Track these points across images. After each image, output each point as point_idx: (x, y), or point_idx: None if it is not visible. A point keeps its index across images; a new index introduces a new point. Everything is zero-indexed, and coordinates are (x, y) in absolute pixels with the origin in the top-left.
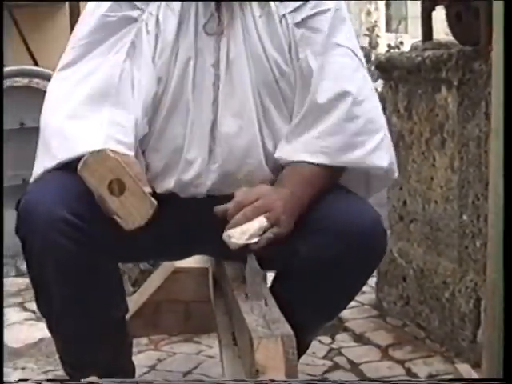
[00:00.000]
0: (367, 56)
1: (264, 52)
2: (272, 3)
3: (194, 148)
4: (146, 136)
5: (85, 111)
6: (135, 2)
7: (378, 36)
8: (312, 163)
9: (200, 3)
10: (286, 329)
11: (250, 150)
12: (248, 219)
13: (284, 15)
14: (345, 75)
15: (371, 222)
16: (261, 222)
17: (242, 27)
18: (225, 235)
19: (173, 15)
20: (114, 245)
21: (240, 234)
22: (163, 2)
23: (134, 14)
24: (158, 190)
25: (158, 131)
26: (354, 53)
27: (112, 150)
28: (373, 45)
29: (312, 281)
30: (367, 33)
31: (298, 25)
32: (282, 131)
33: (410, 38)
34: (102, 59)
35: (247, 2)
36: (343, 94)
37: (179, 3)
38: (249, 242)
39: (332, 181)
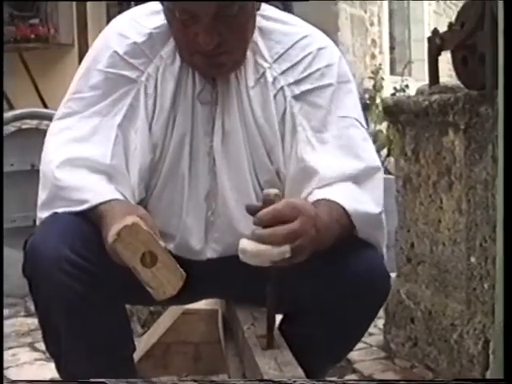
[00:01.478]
0: (372, 98)
1: (255, 123)
2: (269, 75)
3: (191, 215)
4: (143, 201)
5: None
6: (134, 63)
7: (382, 79)
8: (339, 204)
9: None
10: (298, 372)
11: (249, 221)
12: (277, 241)
13: (282, 87)
14: (356, 145)
15: (374, 266)
16: (283, 251)
17: (236, 97)
18: (240, 243)
19: (171, 79)
20: (120, 287)
21: (252, 256)
22: (161, 66)
23: (133, 75)
24: None
25: (154, 197)
26: (361, 123)
27: (140, 218)
28: (377, 87)
29: (318, 323)
30: (372, 75)
31: (296, 98)
32: None
33: (414, 80)
34: (100, 120)
35: (242, 72)
36: (351, 173)
37: (177, 67)
38: (257, 265)
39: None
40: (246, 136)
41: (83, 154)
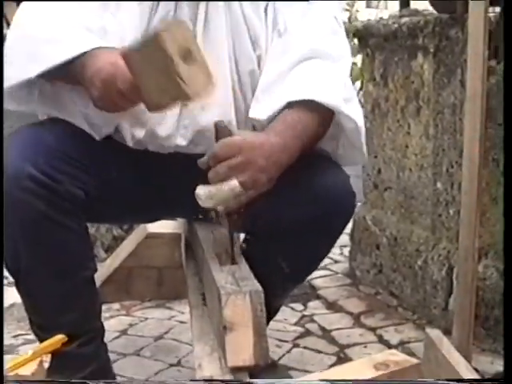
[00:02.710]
0: (347, 31)
1: (242, 13)
2: None
3: None
4: None
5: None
6: None
7: (357, 11)
8: (296, 102)
9: None
10: (255, 285)
11: (221, 109)
12: (220, 179)
13: None
14: (322, 35)
15: (339, 184)
16: (232, 186)
17: None
18: (196, 192)
19: None
20: (84, 204)
21: (206, 198)
22: None
23: None
24: (129, 143)
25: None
26: (335, 18)
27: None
28: (352, 20)
29: (279, 242)
30: (347, 8)
31: None
32: (252, 88)
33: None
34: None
35: None
36: (320, 51)
37: None
38: (216, 208)
39: (314, 137)
40: (229, 24)
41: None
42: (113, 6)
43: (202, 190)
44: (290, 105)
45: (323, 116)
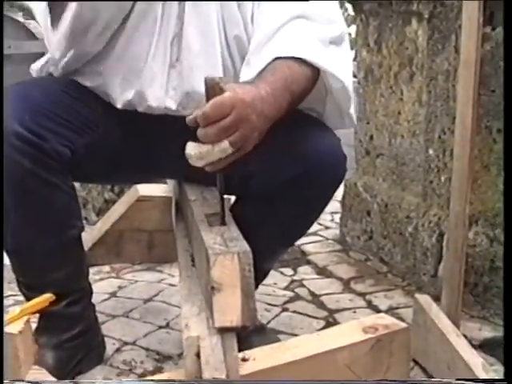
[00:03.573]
0: (340, 1)
1: None
2: None
3: (156, 60)
4: (111, 42)
5: None
6: None
7: None
8: (284, 58)
9: None
10: (243, 246)
11: (210, 71)
12: (211, 140)
13: None
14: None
15: (330, 146)
16: (223, 148)
17: None
18: (186, 147)
19: None
20: (71, 163)
21: (197, 159)
22: None
23: None
24: (118, 104)
25: (124, 38)
26: None
27: None
28: None
29: (269, 204)
30: None
31: None
32: (239, 53)
33: None
34: None
35: None
36: (304, 12)
37: None
38: (204, 166)
39: (303, 92)
40: None
41: None
42: None
43: (192, 150)
44: (278, 59)
45: (311, 73)
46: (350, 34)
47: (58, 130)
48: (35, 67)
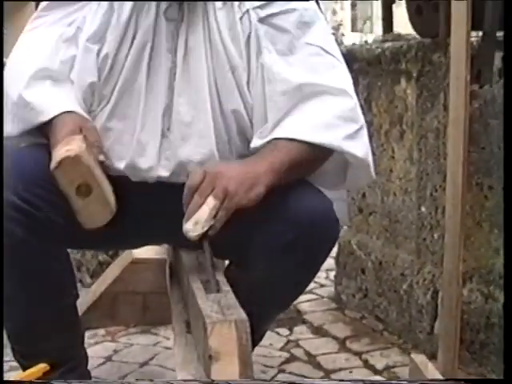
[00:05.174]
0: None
1: (221, 42)
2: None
3: (146, 131)
4: (97, 115)
5: (36, 85)
6: None
7: (343, 35)
8: (287, 139)
9: None
10: (240, 314)
11: (202, 140)
12: (200, 205)
13: (248, 10)
14: (316, 72)
15: (322, 211)
16: (209, 203)
17: (202, 16)
18: (183, 229)
19: None
20: (64, 231)
21: (194, 226)
22: None
23: None
24: (111, 172)
25: (109, 111)
26: (326, 51)
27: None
28: (337, 43)
29: (263, 269)
30: (332, 31)
31: (261, 21)
32: (235, 122)
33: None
34: (53, 30)
35: None
36: (314, 85)
37: None
38: (204, 230)
39: (310, 165)
40: (209, 54)
41: (40, 67)
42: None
43: (187, 224)
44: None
45: (321, 153)
46: None
47: (52, 198)
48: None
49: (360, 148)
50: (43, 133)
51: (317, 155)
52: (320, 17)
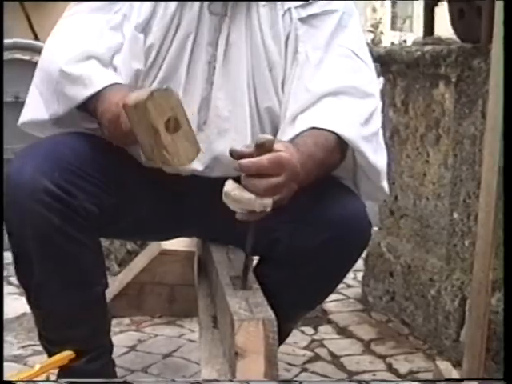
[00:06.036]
0: (370, 52)
1: (262, 40)
2: None
3: None
4: None
5: (83, 62)
6: None
7: (381, 33)
8: (317, 129)
9: None
10: (268, 313)
11: (238, 135)
12: (257, 192)
13: (289, 9)
14: (343, 73)
15: (355, 213)
16: (265, 204)
17: (246, 12)
18: (226, 185)
19: None
20: (98, 220)
21: (233, 200)
22: None
23: None
24: (147, 164)
25: None
26: (356, 54)
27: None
28: (376, 41)
29: (294, 268)
30: (371, 29)
31: (302, 20)
32: (269, 119)
33: (415, 36)
34: (97, 16)
35: None
36: (338, 85)
37: None
38: (235, 209)
39: (333, 165)
40: (249, 50)
41: (85, 48)
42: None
43: (232, 191)
44: (314, 129)
45: (341, 147)
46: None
47: (87, 187)
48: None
49: (373, 152)
50: (89, 108)
51: (340, 150)
52: (355, 19)
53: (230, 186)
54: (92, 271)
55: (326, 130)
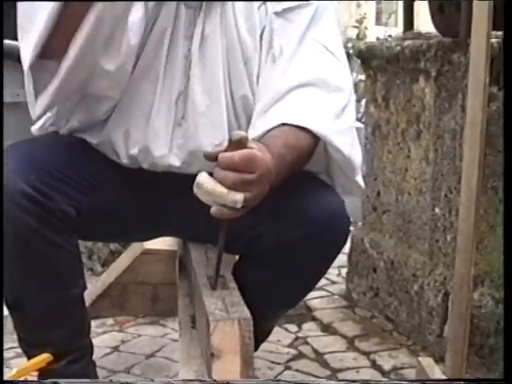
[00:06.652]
0: (354, 48)
1: (237, 33)
2: None
3: (160, 117)
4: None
5: None
6: None
7: (366, 28)
8: (287, 125)
9: None
10: (244, 312)
11: (215, 130)
12: (227, 185)
13: (265, 2)
14: (315, 67)
15: (334, 209)
16: (237, 199)
17: (220, 5)
18: (199, 176)
19: None
20: (75, 222)
21: (205, 193)
22: None
23: None
24: (124, 160)
25: (126, 96)
26: (327, 48)
27: None
28: (360, 37)
29: (273, 266)
30: (356, 25)
31: (277, 14)
32: (243, 109)
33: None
34: None
35: None
36: (308, 78)
37: None
38: (206, 202)
39: (305, 161)
40: (224, 43)
41: None
42: None
43: (205, 182)
44: (284, 125)
45: (313, 141)
46: (362, 81)
47: (64, 189)
48: (34, 128)
49: (350, 146)
50: None
51: (311, 145)
52: (330, 12)
53: (202, 178)
54: (69, 273)
55: (296, 126)
